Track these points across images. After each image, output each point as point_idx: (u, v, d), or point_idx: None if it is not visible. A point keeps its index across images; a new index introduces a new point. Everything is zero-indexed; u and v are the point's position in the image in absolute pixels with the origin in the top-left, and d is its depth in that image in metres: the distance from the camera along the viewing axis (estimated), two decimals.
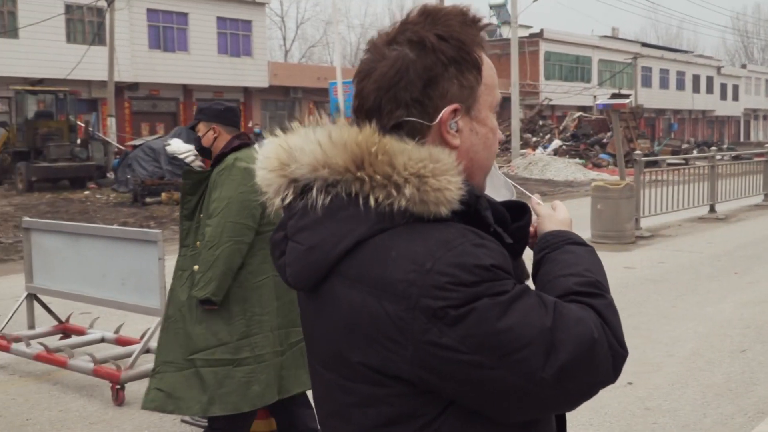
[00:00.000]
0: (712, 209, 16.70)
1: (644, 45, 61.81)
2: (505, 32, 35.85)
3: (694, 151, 39.21)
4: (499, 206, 1.36)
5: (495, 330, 1.16)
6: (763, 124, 79.09)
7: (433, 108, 1.31)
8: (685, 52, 69.85)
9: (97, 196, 20.02)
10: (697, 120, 67.11)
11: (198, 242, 3.92)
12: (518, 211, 1.41)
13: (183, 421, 5.04)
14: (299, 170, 1.29)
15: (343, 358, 1.28)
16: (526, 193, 1.61)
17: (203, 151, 4.21)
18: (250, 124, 35.92)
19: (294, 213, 1.32)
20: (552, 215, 1.58)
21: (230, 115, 4.21)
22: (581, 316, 1.26)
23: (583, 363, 1.22)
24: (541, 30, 49.21)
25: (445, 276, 1.17)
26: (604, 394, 4.14)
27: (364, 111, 1.33)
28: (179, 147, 19.80)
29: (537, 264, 1.48)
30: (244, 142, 4.06)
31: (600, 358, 1.24)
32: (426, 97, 1.30)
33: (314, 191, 1.26)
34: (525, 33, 43.98)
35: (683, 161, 28.09)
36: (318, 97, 40.25)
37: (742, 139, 68.78)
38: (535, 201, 1.62)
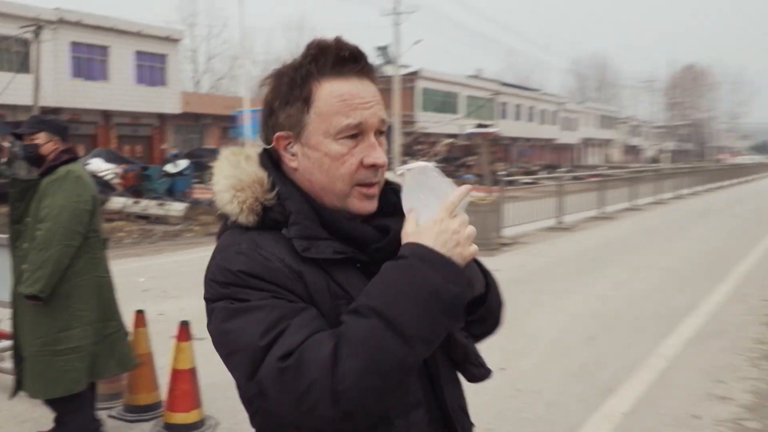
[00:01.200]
0: (559, 221, 17.26)
1: (502, 84, 63.62)
2: (388, 71, 36.17)
3: (543, 173, 40.58)
4: (353, 228, 1.32)
5: (220, 329, 1.24)
6: (596, 150, 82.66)
7: (271, 135, 1.36)
8: (535, 90, 72.26)
9: None
10: (543, 147, 69.51)
11: (26, 244, 3.84)
12: (384, 230, 1.34)
13: (110, 415, 4.77)
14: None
15: None
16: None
17: (33, 160, 4.05)
18: (164, 146, 34.98)
19: None
20: (406, 230, 1.29)
21: (67, 132, 4.21)
22: (312, 343, 1.14)
23: (280, 384, 1.14)
24: (418, 69, 49.99)
25: (209, 273, 1.29)
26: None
27: None
28: (99, 166, 19.29)
29: None
30: (73, 156, 4.02)
31: (296, 384, 1.13)
32: (266, 125, 1.37)
33: None
34: (405, 71, 44.52)
35: (534, 181, 29.07)
36: (225, 124, 39.64)
37: (579, 163, 71.69)
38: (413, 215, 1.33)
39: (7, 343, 5.86)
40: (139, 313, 4.89)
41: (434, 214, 1.25)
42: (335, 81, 1.30)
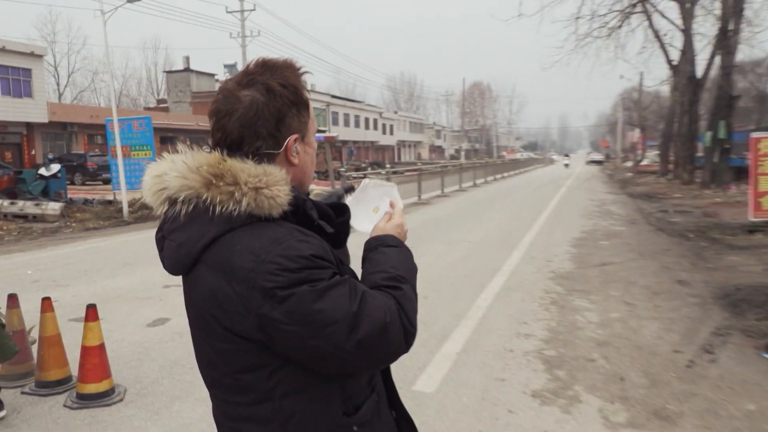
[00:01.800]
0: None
1: (332, 96, 63.81)
2: None
3: (369, 168, 41.30)
4: (324, 206, 1.37)
5: (310, 311, 1.18)
6: (409, 150, 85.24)
7: (282, 138, 1.32)
8: (359, 101, 73.16)
9: None
10: (368, 148, 70.63)
11: None
12: (341, 209, 1.43)
13: (23, 392, 4.41)
14: (170, 191, 1.27)
15: (208, 323, 1.27)
16: (397, 200, 1.59)
17: None
18: (32, 152, 31.77)
19: (168, 218, 1.31)
20: (378, 225, 1.53)
21: None
22: (380, 304, 1.25)
23: (376, 339, 1.22)
24: None
25: (275, 264, 1.18)
26: None
27: (227, 143, 1.30)
28: None
29: (362, 261, 1.46)
30: None
31: (392, 335, 1.25)
32: (277, 131, 1.31)
33: (179, 203, 1.26)
34: None
35: (364, 175, 29.59)
36: (91, 131, 36.69)
37: (396, 160, 73.63)
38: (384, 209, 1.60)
39: None
40: (46, 300, 4.56)
41: (380, 214, 1.55)
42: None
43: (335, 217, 1.38)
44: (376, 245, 1.46)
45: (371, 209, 1.56)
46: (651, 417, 3.88)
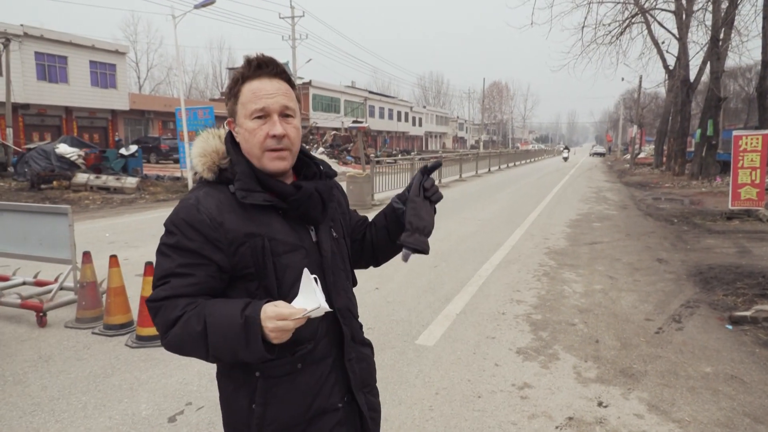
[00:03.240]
0: None
1: (370, 92, 63.41)
2: None
3: (400, 155, 41.18)
4: (272, 181, 1.35)
5: (157, 254, 1.34)
6: (435, 140, 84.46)
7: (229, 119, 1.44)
8: (392, 97, 72.52)
9: (0, 184, 17.11)
10: (399, 137, 70.22)
11: None
12: (298, 187, 1.38)
13: (93, 332, 4.58)
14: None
15: None
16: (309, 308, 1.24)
17: None
18: (116, 137, 32.45)
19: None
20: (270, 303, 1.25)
21: None
22: (171, 299, 1.28)
23: (153, 310, 1.29)
24: (310, 81, 48.90)
25: (173, 213, 1.33)
26: (361, 295, 4.28)
27: None
28: (66, 149, 17.60)
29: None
30: None
31: (156, 319, 1.29)
32: (230, 115, 1.43)
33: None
34: (300, 82, 43.41)
35: (394, 161, 29.42)
36: (165, 118, 37.23)
37: (424, 149, 73.13)
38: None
39: (4, 283, 5.48)
40: (113, 257, 4.68)
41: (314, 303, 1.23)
42: (253, 81, 1.37)
43: (291, 194, 1.36)
44: (246, 307, 1.24)
45: (300, 302, 1.25)
46: (618, 375, 3.85)
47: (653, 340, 4.50)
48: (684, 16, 21.15)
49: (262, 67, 1.37)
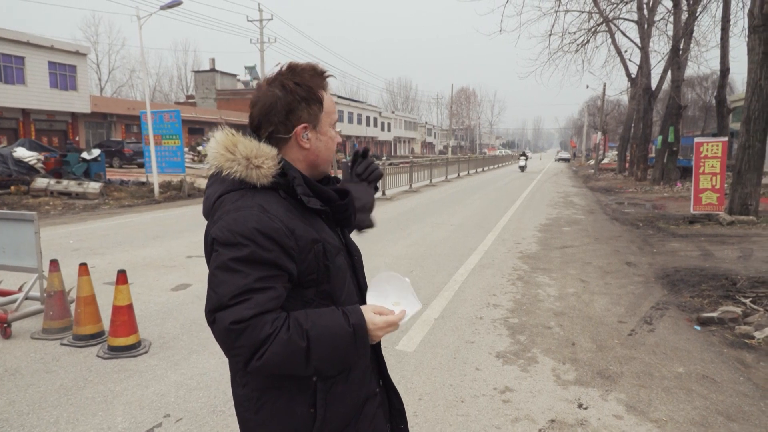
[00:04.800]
0: (383, 192, 17.59)
1: (339, 97, 63.27)
2: (255, 85, 34.79)
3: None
4: (322, 188, 1.39)
5: (213, 270, 1.27)
6: (403, 145, 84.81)
7: (291, 126, 1.37)
8: (361, 102, 72.65)
9: None
10: (368, 142, 70.18)
11: None
12: (344, 193, 1.45)
13: (62, 343, 4.43)
14: (208, 158, 1.38)
15: (209, 259, 1.34)
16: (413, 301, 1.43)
17: None
18: (77, 138, 31.54)
19: (210, 178, 1.42)
20: (377, 311, 1.37)
21: None
22: (257, 317, 1.22)
23: (223, 333, 1.23)
24: None
25: (225, 223, 1.27)
26: None
27: (252, 127, 1.40)
28: (24, 153, 16.97)
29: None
30: None
31: (236, 343, 1.22)
32: (287, 120, 1.36)
33: (212, 167, 1.38)
34: None
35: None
36: (128, 122, 36.38)
37: (393, 154, 73.33)
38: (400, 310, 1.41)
39: (11, 297, 5.12)
40: (83, 266, 4.54)
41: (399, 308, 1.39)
42: (327, 92, 1.41)
43: (338, 199, 1.42)
44: (346, 315, 1.31)
45: (391, 302, 1.40)
46: (595, 376, 3.93)
47: (627, 342, 4.61)
48: (646, 26, 21.87)
49: (324, 76, 1.42)
